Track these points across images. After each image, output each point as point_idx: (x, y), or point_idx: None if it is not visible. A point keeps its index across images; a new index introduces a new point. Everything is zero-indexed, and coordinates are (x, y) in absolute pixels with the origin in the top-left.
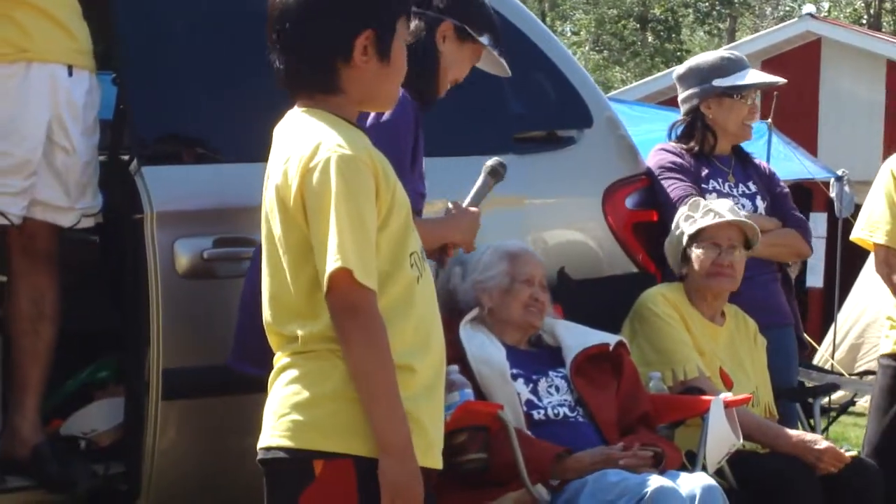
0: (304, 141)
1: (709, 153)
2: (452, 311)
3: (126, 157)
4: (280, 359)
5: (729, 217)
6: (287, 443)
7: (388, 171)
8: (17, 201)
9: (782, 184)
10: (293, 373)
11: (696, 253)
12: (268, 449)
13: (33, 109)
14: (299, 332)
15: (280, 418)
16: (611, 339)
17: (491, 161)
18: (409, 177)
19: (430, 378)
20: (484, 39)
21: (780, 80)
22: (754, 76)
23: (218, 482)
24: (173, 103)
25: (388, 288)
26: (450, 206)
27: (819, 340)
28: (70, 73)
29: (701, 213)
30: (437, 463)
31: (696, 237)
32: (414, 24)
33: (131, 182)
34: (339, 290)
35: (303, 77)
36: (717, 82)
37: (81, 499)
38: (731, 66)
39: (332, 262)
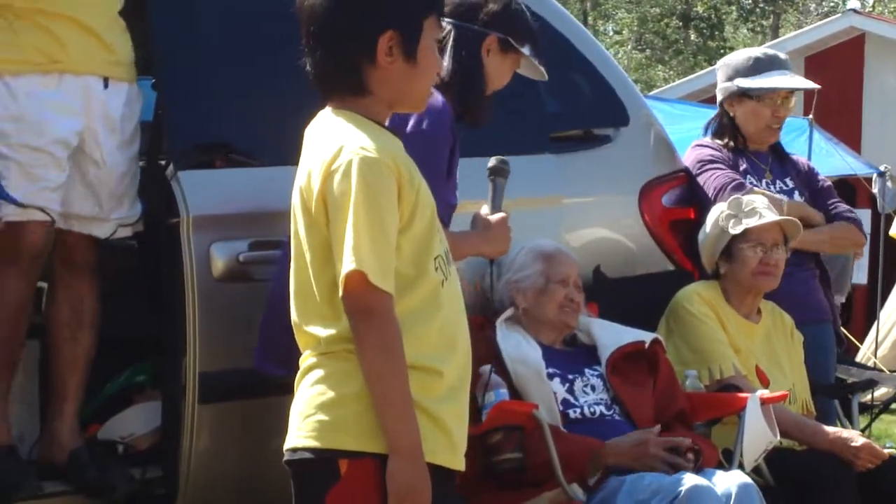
0: (328, 143)
1: (744, 149)
2: (487, 311)
3: (163, 163)
4: (306, 359)
5: (773, 218)
6: (313, 443)
7: (412, 172)
8: (55, 196)
9: (823, 178)
10: (318, 373)
11: (742, 253)
12: (294, 450)
13: (66, 115)
14: (322, 333)
15: (306, 419)
16: (646, 336)
17: (491, 163)
18: (442, 188)
19: (455, 380)
20: (526, 50)
21: (802, 85)
22: (775, 80)
23: (254, 485)
24: (210, 108)
25: (413, 291)
26: (483, 213)
27: (863, 338)
28: (106, 86)
29: (745, 213)
30: (460, 465)
31: (741, 237)
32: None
33: (168, 187)
34: (353, 292)
35: (332, 78)
36: (739, 82)
37: (119, 503)
38: (758, 65)
39: (348, 264)
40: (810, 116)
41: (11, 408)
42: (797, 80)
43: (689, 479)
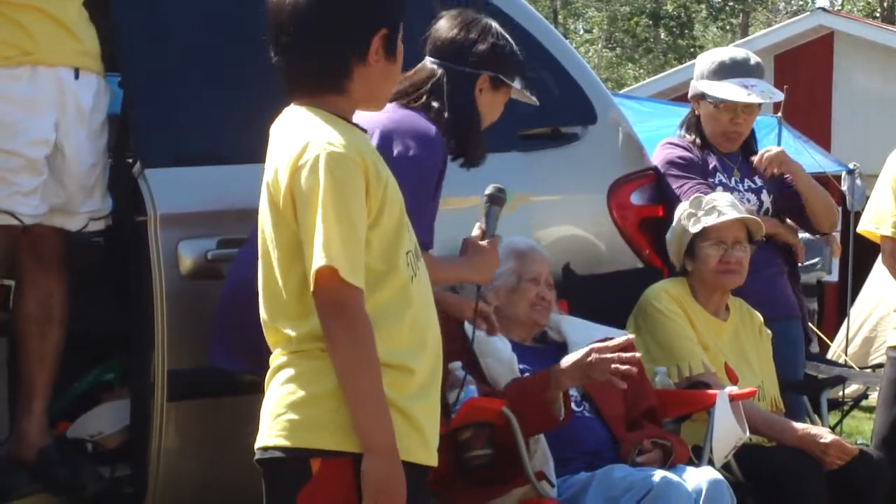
0: (295, 139)
1: (711, 147)
2: None
3: (130, 160)
4: (276, 358)
5: (732, 215)
6: (283, 442)
7: (379, 168)
8: (30, 200)
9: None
10: (289, 372)
11: (702, 251)
12: (265, 449)
13: (40, 112)
14: (292, 332)
15: (276, 418)
16: (616, 334)
17: (488, 189)
18: (425, 213)
19: (426, 377)
20: (516, 84)
21: (752, 100)
22: (729, 90)
23: (224, 483)
24: (176, 105)
25: (383, 287)
26: (474, 237)
27: (834, 335)
28: (77, 76)
29: (704, 211)
30: (432, 460)
31: (701, 235)
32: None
33: (135, 184)
34: (324, 287)
35: (310, 76)
36: (699, 84)
37: (88, 502)
38: (721, 69)
39: (318, 260)
40: (779, 114)
41: None
42: (752, 95)
43: (660, 475)
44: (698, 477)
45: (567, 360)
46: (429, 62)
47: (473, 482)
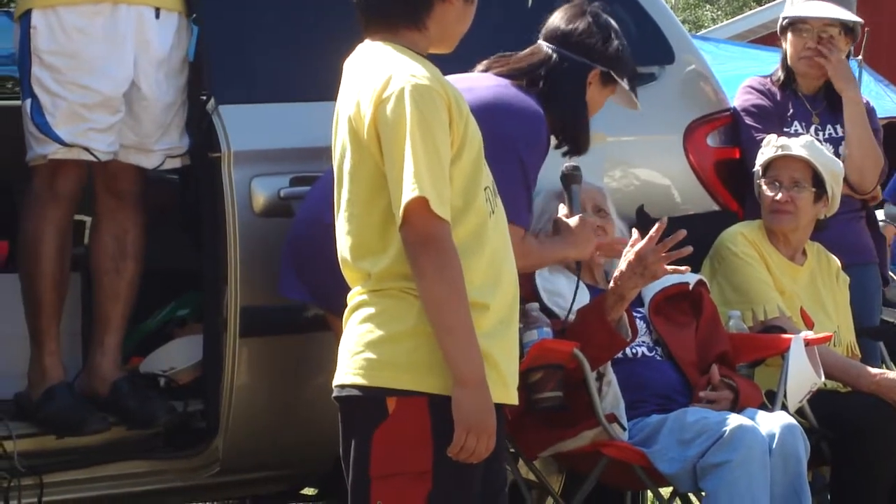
0: (377, 72)
1: (795, 90)
2: None
3: (204, 97)
4: (354, 296)
5: (793, 152)
6: (360, 381)
7: (461, 103)
8: (105, 137)
9: (877, 123)
10: (367, 311)
11: (760, 189)
12: (342, 387)
13: (119, 49)
14: (371, 269)
15: (354, 356)
16: (690, 278)
17: (564, 168)
18: (526, 193)
19: (503, 314)
20: (625, 83)
21: (826, 15)
22: (805, 8)
23: (294, 419)
24: (251, 43)
25: (462, 222)
26: (562, 216)
27: None
28: (157, 15)
29: (770, 149)
30: (511, 398)
31: (762, 174)
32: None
33: (209, 121)
34: (414, 219)
35: (391, 7)
36: (784, 11)
37: (160, 435)
38: None
39: (409, 192)
40: (860, 58)
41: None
42: (831, 10)
43: (734, 420)
44: (772, 422)
45: (619, 271)
46: (545, 46)
47: (544, 423)
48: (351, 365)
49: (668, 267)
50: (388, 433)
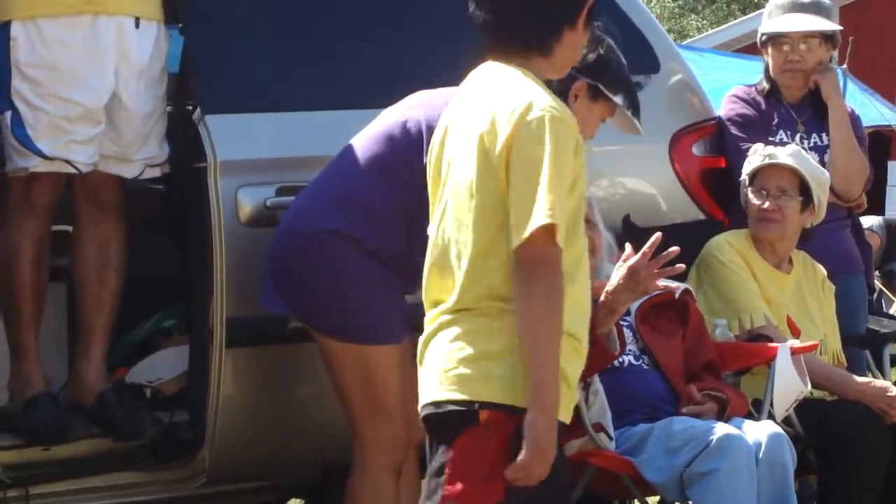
0: (514, 95)
1: (780, 99)
2: None
3: (190, 107)
4: (436, 318)
5: (780, 160)
6: (456, 395)
7: (580, 137)
8: (86, 150)
9: (862, 132)
10: (457, 330)
11: (747, 198)
12: (437, 403)
13: (100, 60)
14: (466, 288)
15: (447, 373)
16: (676, 286)
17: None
18: None
19: (585, 345)
20: (618, 99)
21: (800, 28)
22: (782, 22)
23: (281, 429)
24: (237, 52)
25: (567, 250)
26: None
27: None
28: (137, 25)
29: (757, 158)
30: (569, 418)
31: (749, 182)
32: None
33: (195, 131)
34: (537, 243)
35: (523, 33)
36: (761, 27)
37: (146, 446)
38: (775, 10)
39: (542, 217)
40: (844, 66)
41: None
42: (808, 21)
43: (721, 429)
44: (758, 430)
45: (611, 285)
46: None
47: None
48: (444, 381)
49: (660, 283)
50: (475, 437)
